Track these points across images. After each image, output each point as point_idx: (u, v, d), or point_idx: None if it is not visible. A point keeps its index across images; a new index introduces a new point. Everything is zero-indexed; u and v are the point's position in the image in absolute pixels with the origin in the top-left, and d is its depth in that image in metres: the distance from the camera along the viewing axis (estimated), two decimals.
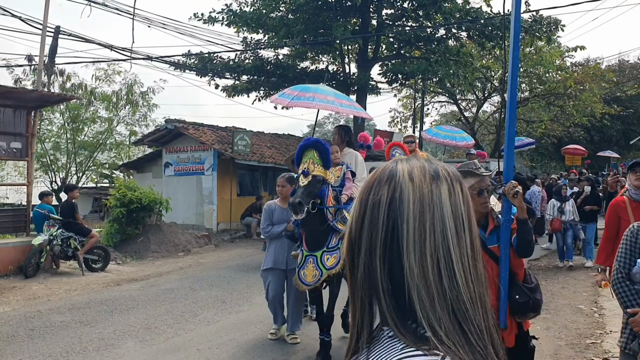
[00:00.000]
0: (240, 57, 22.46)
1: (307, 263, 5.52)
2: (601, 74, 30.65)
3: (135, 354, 6.10)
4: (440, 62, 20.58)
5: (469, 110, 34.61)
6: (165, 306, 8.20)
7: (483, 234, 3.56)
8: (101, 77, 23.96)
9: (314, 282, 5.50)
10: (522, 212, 3.49)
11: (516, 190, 3.38)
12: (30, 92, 12.17)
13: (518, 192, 3.39)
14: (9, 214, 12.01)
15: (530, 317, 3.62)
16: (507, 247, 3.50)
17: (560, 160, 31.60)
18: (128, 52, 19.12)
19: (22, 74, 23.05)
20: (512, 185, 3.41)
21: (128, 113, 25.02)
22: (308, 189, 5.23)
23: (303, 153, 5.38)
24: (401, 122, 33.44)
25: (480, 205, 3.54)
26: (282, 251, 6.43)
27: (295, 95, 7.99)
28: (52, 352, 6.07)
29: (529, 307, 3.53)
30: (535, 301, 3.54)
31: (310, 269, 5.48)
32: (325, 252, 5.49)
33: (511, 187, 3.41)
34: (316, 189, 5.30)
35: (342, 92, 23.95)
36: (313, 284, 5.52)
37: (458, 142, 14.66)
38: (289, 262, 6.34)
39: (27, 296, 8.90)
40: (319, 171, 5.28)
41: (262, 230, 6.67)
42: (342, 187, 5.99)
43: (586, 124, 29.70)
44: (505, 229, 3.49)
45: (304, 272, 5.52)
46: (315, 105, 7.90)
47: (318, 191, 5.33)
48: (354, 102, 8.24)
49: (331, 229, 5.51)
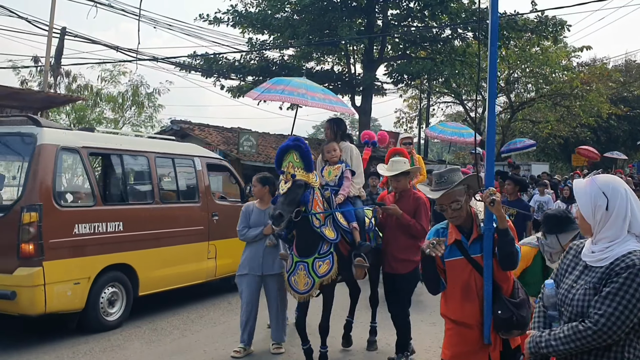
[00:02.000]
0: (246, 57, 22.50)
1: (297, 270, 5.21)
2: (608, 74, 30.57)
3: (142, 354, 6.09)
4: (446, 62, 20.58)
5: (474, 111, 34.55)
6: (172, 307, 8.19)
7: (466, 242, 3.40)
8: (107, 78, 23.99)
9: (305, 290, 5.21)
10: (502, 222, 3.25)
11: (493, 198, 3.12)
12: (37, 94, 12.19)
13: (495, 201, 3.13)
14: None
15: (515, 334, 3.34)
16: (489, 258, 3.29)
17: (567, 161, 31.49)
18: (134, 53, 19.17)
19: (29, 75, 23.11)
20: (490, 192, 3.15)
21: (134, 114, 25.05)
22: (289, 197, 4.91)
23: (283, 156, 5.06)
24: (407, 122, 33.48)
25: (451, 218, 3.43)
26: (258, 256, 6.05)
27: (265, 88, 7.34)
28: (59, 353, 6.06)
29: (513, 324, 3.27)
30: (520, 318, 3.27)
31: (302, 276, 5.19)
32: (317, 259, 5.19)
33: (488, 194, 3.15)
34: (298, 196, 4.97)
35: (347, 92, 23.87)
36: (305, 292, 5.23)
37: (466, 139, 14.01)
38: (265, 267, 6.02)
39: None
40: (301, 175, 4.94)
41: (238, 233, 6.24)
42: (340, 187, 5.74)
43: (593, 125, 29.61)
44: (488, 238, 3.28)
45: (295, 278, 5.23)
46: (283, 99, 7.30)
47: (300, 197, 5.00)
48: (331, 95, 7.51)
49: (321, 236, 5.23)
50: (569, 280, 2.52)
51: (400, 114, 34.46)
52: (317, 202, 5.21)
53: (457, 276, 3.41)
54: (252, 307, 6.09)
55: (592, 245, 2.46)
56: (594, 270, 2.40)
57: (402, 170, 5.56)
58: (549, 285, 2.57)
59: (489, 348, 3.36)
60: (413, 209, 5.50)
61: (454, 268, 3.42)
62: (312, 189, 5.14)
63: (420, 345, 6.36)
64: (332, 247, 5.28)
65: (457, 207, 3.39)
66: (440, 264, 3.44)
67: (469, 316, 3.38)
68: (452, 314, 3.46)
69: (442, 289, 3.48)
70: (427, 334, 6.89)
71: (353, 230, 5.44)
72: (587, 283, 2.39)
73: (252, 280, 6.07)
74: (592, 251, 2.44)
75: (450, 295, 3.47)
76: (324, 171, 5.90)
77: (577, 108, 28.38)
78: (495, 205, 3.14)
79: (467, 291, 3.39)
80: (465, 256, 3.40)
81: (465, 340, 3.42)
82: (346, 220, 5.46)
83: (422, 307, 8.22)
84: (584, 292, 2.38)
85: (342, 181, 5.75)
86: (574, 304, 2.41)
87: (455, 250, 3.42)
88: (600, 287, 2.33)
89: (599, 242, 2.41)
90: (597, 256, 2.40)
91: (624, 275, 2.26)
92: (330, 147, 5.90)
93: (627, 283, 2.24)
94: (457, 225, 3.46)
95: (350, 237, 5.45)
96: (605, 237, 2.38)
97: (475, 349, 3.39)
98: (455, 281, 3.42)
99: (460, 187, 3.41)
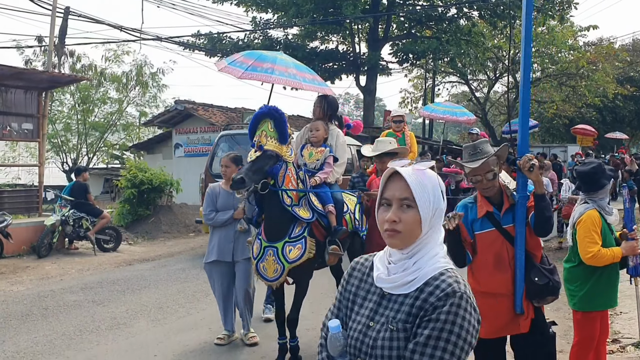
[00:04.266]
0: (250, 37, 22.36)
1: (266, 255, 4.77)
2: (614, 54, 30.26)
3: (148, 332, 6.17)
4: (452, 41, 20.40)
5: (480, 91, 34.35)
6: (177, 286, 8.27)
7: (498, 213, 3.44)
8: (111, 58, 23.94)
9: (275, 277, 4.77)
10: (540, 187, 3.31)
11: (532, 163, 3.22)
12: (41, 73, 12.20)
13: (534, 166, 3.22)
14: (22, 195, 12.11)
15: (548, 301, 3.45)
16: (522, 226, 3.35)
17: (571, 141, 31.35)
18: (137, 33, 19.12)
19: (33, 55, 23.06)
20: (528, 159, 3.25)
21: (138, 94, 25.03)
22: (256, 164, 4.49)
23: (258, 123, 4.62)
24: (412, 102, 33.23)
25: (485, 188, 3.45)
26: (228, 241, 5.61)
27: (249, 65, 6.37)
28: (66, 330, 6.15)
29: (548, 289, 3.36)
30: (555, 283, 3.38)
31: (271, 263, 4.75)
32: (287, 243, 4.75)
33: (526, 160, 3.24)
34: (266, 166, 4.52)
35: (352, 71, 23.72)
36: (274, 279, 4.80)
37: (459, 117, 13.58)
38: (236, 252, 5.60)
39: (41, 276, 9.01)
40: (273, 145, 4.51)
41: (204, 217, 5.76)
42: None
43: (598, 105, 29.39)
44: (521, 206, 3.35)
45: (264, 265, 4.79)
46: (274, 80, 6.35)
47: (269, 168, 4.54)
48: (317, 76, 6.89)
49: (293, 217, 4.79)
50: (362, 316, 1.80)
51: (405, 94, 34.25)
52: (289, 178, 4.75)
53: (489, 248, 3.44)
54: (229, 294, 5.76)
55: (387, 263, 1.79)
56: (397, 302, 1.74)
57: (386, 150, 5.12)
58: (334, 327, 1.79)
59: (521, 318, 3.39)
60: None
61: (485, 240, 3.45)
62: (285, 164, 4.68)
63: None
64: (306, 231, 4.84)
65: (491, 178, 3.43)
66: (468, 238, 3.48)
67: (501, 286, 3.40)
68: (483, 285, 3.46)
69: (469, 262, 3.50)
70: None
71: (329, 213, 5.03)
72: (391, 322, 1.71)
73: (223, 268, 5.69)
74: (388, 273, 1.76)
75: (481, 267, 3.48)
76: (304, 150, 5.46)
77: (582, 88, 28.13)
78: (534, 170, 3.22)
79: (499, 262, 3.42)
80: (497, 227, 3.43)
81: (496, 312, 3.41)
82: (321, 203, 5.04)
83: None
84: (389, 336, 1.69)
85: (323, 167, 5.32)
86: (377, 354, 1.70)
87: (486, 223, 3.45)
88: (413, 327, 1.68)
89: (401, 259, 1.74)
90: (398, 280, 1.73)
91: (445, 310, 1.64)
92: (314, 125, 5.46)
93: (450, 320, 1.64)
94: (487, 198, 3.49)
95: (325, 221, 5.04)
96: (418, 250, 1.73)
97: (507, 320, 3.41)
98: (486, 253, 3.44)
99: (493, 157, 3.44)
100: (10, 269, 9.36)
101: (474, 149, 3.51)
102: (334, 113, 5.82)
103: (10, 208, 10.92)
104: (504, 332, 3.48)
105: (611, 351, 5.54)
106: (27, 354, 5.40)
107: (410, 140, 8.42)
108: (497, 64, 30.29)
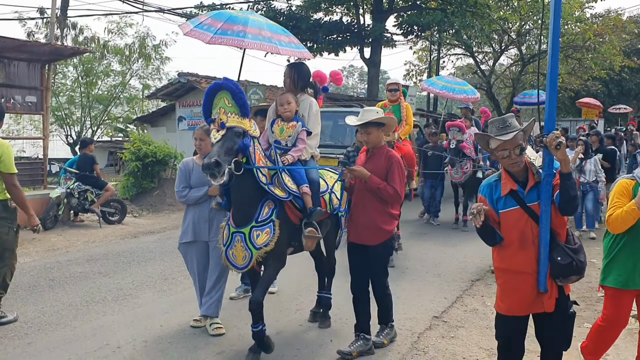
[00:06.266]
0: (253, 8, 22.15)
1: (234, 241, 4.40)
2: (622, 25, 29.89)
3: (153, 303, 6.24)
4: (457, 13, 20.18)
5: (485, 63, 34.07)
6: (182, 258, 8.32)
7: (522, 191, 3.41)
8: (113, 30, 23.82)
9: (244, 264, 4.40)
10: (566, 166, 3.26)
11: (559, 141, 3.17)
12: (44, 46, 12.14)
13: (561, 144, 3.17)
14: (26, 168, 12.13)
15: (572, 280, 3.41)
16: (548, 205, 3.32)
17: (577, 114, 31.14)
18: (140, 5, 18.94)
19: (35, 27, 22.97)
20: (555, 136, 3.19)
21: (141, 66, 24.97)
22: (224, 145, 4.10)
23: (212, 100, 4.27)
24: (416, 75, 32.99)
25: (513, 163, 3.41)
26: (204, 220, 5.27)
27: (218, 28, 5.62)
28: (73, 301, 6.23)
29: (573, 269, 3.33)
30: (579, 263, 3.35)
31: (239, 249, 4.38)
32: (254, 228, 4.35)
33: (553, 137, 3.19)
34: (235, 144, 4.15)
35: (356, 43, 23.45)
36: (244, 267, 4.43)
37: (455, 95, 12.97)
38: (211, 232, 5.25)
39: (47, 247, 9.09)
40: (236, 121, 4.15)
41: (177, 195, 5.39)
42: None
43: (604, 77, 29.14)
44: (547, 184, 3.31)
45: (233, 252, 4.43)
46: (247, 44, 5.59)
47: (238, 146, 4.17)
48: (294, 38, 6.08)
49: (261, 198, 4.42)
50: None
51: (410, 66, 33.99)
52: (259, 156, 4.37)
53: (513, 226, 3.43)
54: (205, 275, 5.42)
55: None
56: None
57: (370, 120, 4.61)
58: None
59: (545, 296, 3.39)
60: (385, 169, 4.61)
61: (510, 218, 3.44)
62: (252, 139, 4.30)
63: (425, 296, 6.50)
64: (274, 214, 4.45)
65: (519, 153, 3.39)
66: (495, 217, 3.48)
67: (525, 264, 3.40)
68: (507, 263, 3.48)
69: (500, 240, 3.48)
70: (431, 284, 7.03)
71: (303, 195, 4.64)
72: None
73: (201, 248, 5.35)
74: None
75: (505, 246, 3.47)
76: (274, 126, 5.00)
77: (589, 60, 27.85)
78: (561, 148, 3.18)
79: (523, 240, 3.40)
80: (521, 205, 3.41)
81: (520, 290, 3.43)
82: (295, 184, 4.66)
83: (425, 259, 8.37)
84: None
85: (296, 143, 4.88)
86: None
87: (510, 201, 3.44)
88: None
89: None
90: None
91: None
92: (284, 98, 4.96)
93: None
94: (512, 176, 3.46)
95: (300, 202, 4.64)
96: None
97: (531, 298, 3.41)
98: (510, 231, 3.44)
99: (521, 132, 3.40)
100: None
101: (503, 122, 3.46)
102: (307, 82, 5.23)
103: None
104: (528, 310, 3.48)
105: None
106: (34, 324, 5.49)
107: (407, 112, 8.31)
108: (503, 36, 29.99)
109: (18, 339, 5.10)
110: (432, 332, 5.40)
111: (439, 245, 9.29)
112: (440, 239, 9.85)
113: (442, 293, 6.65)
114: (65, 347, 4.92)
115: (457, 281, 7.18)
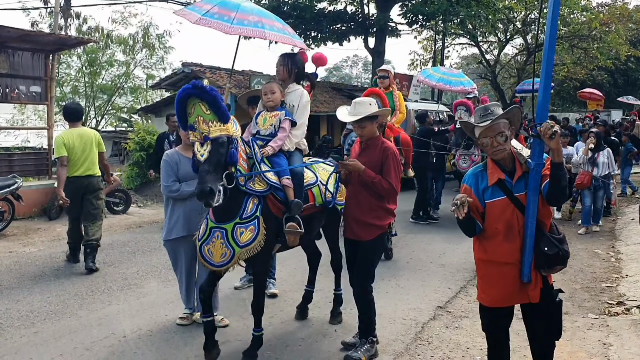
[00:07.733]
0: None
1: (212, 237, 4.19)
2: (628, 15, 29.73)
3: (159, 293, 6.28)
4: (462, 2, 20.05)
5: (490, 53, 33.92)
6: None
7: (510, 181, 3.38)
8: (117, 19, 23.78)
9: (222, 262, 4.18)
10: (559, 155, 3.18)
11: (554, 130, 3.11)
12: (48, 35, 12.14)
13: (556, 133, 3.12)
14: (31, 157, 12.17)
15: (557, 270, 3.39)
16: (536, 195, 3.28)
17: (582, 105, 31.03)
18: None
19: (39, 17, 22.95)
20: (549, 125, 3.12)
21: (145, 56, 24.94)
22: (212, 161, 3.83)
23: (185, 109, 3.97)
24: (421, 65, 32.87)
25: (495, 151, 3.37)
26: (196, 214, 4.93)
27: (207, 11, 5.33)
28: (78, 291, 6.26)
29: (558, 259, 3.31)
30: (565, 253, 3.32)
31: (218, 246, 4.16)
32: (238, 224, 4.14)
33: (548, 127, 3.12)
34: (223, 157, 3.90)
35: (361, 33, 23.37)
36: (222, 265, 4.21)
37: (452, 87, 12.68)
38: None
39: (52, 237, 9.14)
40: (218, 129, 3.85)
41: (166, 190, 5.04)
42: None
43: (610, 67, 29.00)
44: (536, 174, 3.27)
45: (209, 248, 4.21)
46: (233, 30, 5.24)
47: (226, 158, 3.93)
48: (288, 27, 5.73)
49: (245, 193, 4.21)
50: None
51: (415, 56, 33.90)
52: (241, 154, 4.14)
53: (499, 217, 3.39)
54: (192, 270, 5.27)
55: None
56: None
57: (367, 115, 4.40)
58: None
59: (529, 287, 3.36)
60: (380, 161, 4.40)
61: (496, 209, 3.41)
62: (235, 140, 4.05)
63: (429, 286, 6.52)
64: (259, 210, 4.25)
65: (502, 140, 3.36)
66: (479, 207, 3.44)
67: (509, 255, 3.37)
68: (490, 254, 3.45)
69: (479, 231, 3.46)
70: (435, 274, 7.04)
71: (285, 187, 4.44)
72: None
73: (190, 242, 4.93)
74: None
75: (489, 236, 3.44)
76: (259, 117, 4.81)
77: (594, 50, 27.72)
78: (556, 137, 3.13)
79: (509, 230, 3.37)
80: (508, 196, 3.38)
81: (503, 281, 3.40)
82: (276, 176, 4.45)
83: (429, 249, 8.38)
84: None
85: (277, 132, 4.67)
86: None
87: (497, 191, 3.40)
88: None
89: None
90: None
91: None
92: (268, 87, 4.77)
93: None
94: (499, 165, 3.44)
95: (282, 195, 4.45)
96: None
97: (515, 289, 3.39)
98: (496, 221, 3.40)
99: (504, 119, 3.38)
100: (22, 231, 9.50)
101: (485, 110, 3.44)
102: (300, 72, 5.06)
103: (21, 171, 10.99)
104: (512, 301, 3.47)
105: (616, 313, 5.61)
106: (40, 314, 5.52)
107: (399, 100, 8.20)
108: (508, 26, 29.83)
109: (24, 328, 5.14)
110: (436, 322, 5.42)
111: (443, 235, 9.29)
112: (444, 229, 9.84)
113: (446, 283, 6.67)
114: (71, 336, 4.96)
115: (461, 271, 7.19)
